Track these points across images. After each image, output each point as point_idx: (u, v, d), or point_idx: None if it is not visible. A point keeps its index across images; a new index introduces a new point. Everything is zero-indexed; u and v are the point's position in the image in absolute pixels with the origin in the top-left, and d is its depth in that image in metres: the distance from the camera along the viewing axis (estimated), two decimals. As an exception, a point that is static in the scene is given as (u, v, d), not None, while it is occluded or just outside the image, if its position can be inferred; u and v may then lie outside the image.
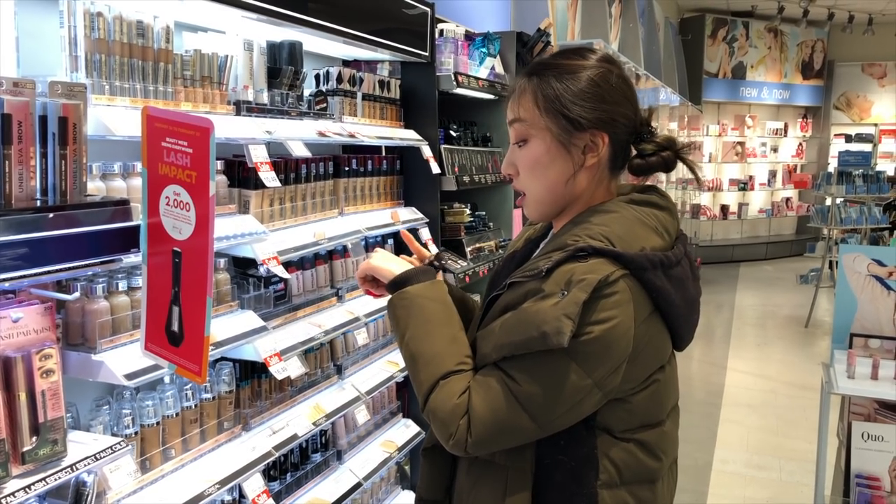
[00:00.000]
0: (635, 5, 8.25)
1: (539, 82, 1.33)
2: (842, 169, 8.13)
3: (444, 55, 3.25)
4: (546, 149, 1.33)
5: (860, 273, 3.40)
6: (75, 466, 1.44)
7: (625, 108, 1.33)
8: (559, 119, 1.31)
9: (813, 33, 13.37)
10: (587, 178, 1.35)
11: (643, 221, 1.31)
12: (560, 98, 1.30)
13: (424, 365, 1.30)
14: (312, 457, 2.55)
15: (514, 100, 1.37)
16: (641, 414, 1.30)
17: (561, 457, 1.28)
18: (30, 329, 1.42)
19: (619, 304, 1.20)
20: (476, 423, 1.23)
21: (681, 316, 1.31)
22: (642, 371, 1.27)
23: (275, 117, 2.25)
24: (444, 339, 1.32)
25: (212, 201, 1.37)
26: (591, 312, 1.18)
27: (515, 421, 1.22)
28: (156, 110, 1.44)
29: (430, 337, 1.32)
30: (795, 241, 12.98)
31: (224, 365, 2.11)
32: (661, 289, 1.24)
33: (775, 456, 4.64)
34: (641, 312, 1.23)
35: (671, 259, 1.28)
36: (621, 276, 1.21)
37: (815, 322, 8.04)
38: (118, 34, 1.75)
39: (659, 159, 1.35)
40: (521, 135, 1.36)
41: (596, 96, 1.30)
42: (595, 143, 1.32)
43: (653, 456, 1.31)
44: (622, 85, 1.34)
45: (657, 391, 1.31)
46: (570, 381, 1.19)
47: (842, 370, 3.13)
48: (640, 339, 1.23)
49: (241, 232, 2.04)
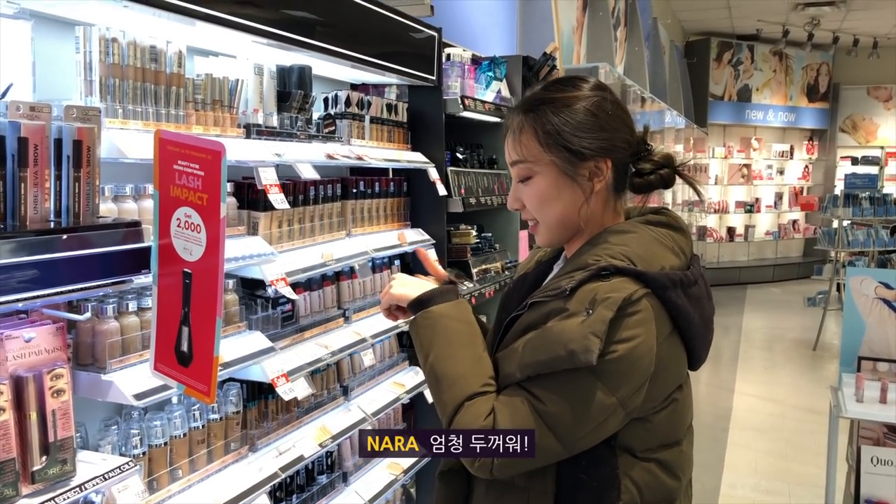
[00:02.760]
0: (641, 29, 8.32)
1: (536, 118, 1.34)
2: (848, 191, 8.13)
3: (451, 79, 3.28)
4: (552, 182, 1.35)
5: (868, 296, 3.39)
6: (84, 486, 1.45)
7: (623, 132, 1.36)
8: (562, 152, 1.32)
9: (818, 56, 13.43)
10: (597, 202, 1.37)
11: (660, 241, 1.33)
12: (560, 132, 1.32)
13: (449, 386, 1.29)
14: (318, 478, 2.55)
15: (514, 139, 1.37)
16: (661, 433, 1.31)
17: (582, 476, 1.28)
18: (41, 349, 1.44)
19: (643, 323, 1.21)
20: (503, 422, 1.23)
21: (699, 335, 1.33)
22: (663, 390, 1.28)
23: (284, 140, 2.28)
24: (468, 360, 1.31)
25: (222, 223, 1.39)
26: (616, 331, 1.19)
27: (541, 441, 1.21)
28: (168, 133, 1.47)
29: (454, 358, 1.31)
30: (802, 264, 12.94)
31: (231, 385, 2.12)
32: (681, 307, 1.26)
33: (784, 481, 4.60)
34: (662, 331, 1.25)
35: (689, 278, 1.30)
36: (644, 294, 1.22)
37: (823, 345, 8.00)
38: (132, 59, 1.78)
39: (657, 177, 1.38)
40: (525, 173, 1.37)
41: (595, 126, 1.32)
42: (599, 168, 1.34)
43: (672, 475, 1.32)
44: (617, 111, 1.36)
45: (675, 410, 1.32)
46: (595, 400, 1.20)
47: (850, 394, 3.11)
48: (662, 358, 1.24)
49: (249, 253, 2.06)
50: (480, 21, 4.88)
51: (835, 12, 10.62)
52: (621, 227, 1.35)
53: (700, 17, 11.85)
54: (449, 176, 3.25)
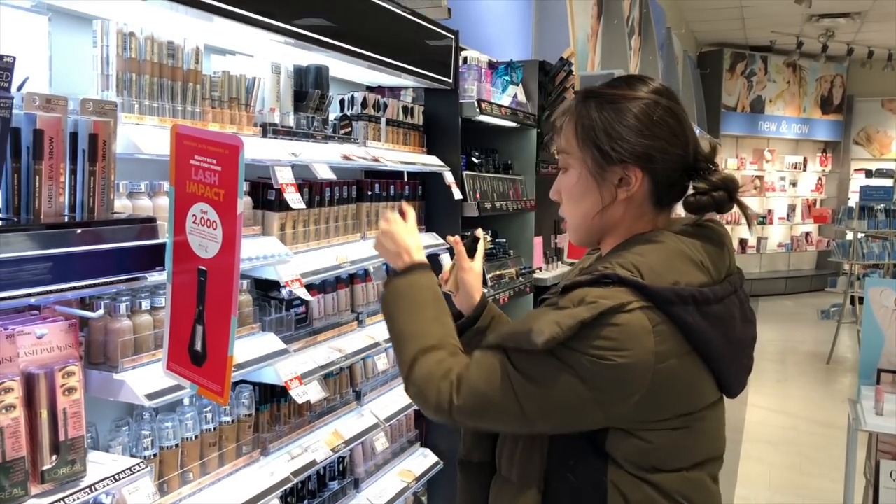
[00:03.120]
0: (655, 38, 8.29)
1: (581, 110, 1.31)
2: (863, 203, 8.05)
3: (468, 82, 3.26)
4: (579, 179, 1.32)
5: (887, 307, 3.34)
6: (94, 487, 1.42)
7: (667, 142, 1.27)
8: (593, 150, 1.29)
9: (832, 68, 13.36)
10: (621, 210, 1.31)
11: (687, 255, 1.25)
12: (595, 129, 1.28)
13: (410, 339, 1.35)
14: (330, 484, 2.52)
15: (561, 127, 1.36)
16: (660, 456, 1.23)
17: (569, 475, 1.26)
18: (53, 346, 1.41)
19: (629, 335, 1.15)
20: (465, 388, 1.24)
21: (721, 358, 1.24)
22: (664, 409, 1.21)
23: (300, 140, 2.25)
24: (427, 320, 1.37)
25: (239, 219, 1.37)
26: (594, 337, 1.15)
27: (504, 401, 1.22)
28: (185, 128, 1.44)
29: (416, 317, 1.38)
30: (815, 276, 12.84)
31: (244, 388, 2.08)
32: (691, 325, 1.19)
33: (799, 495, 4.53)
34: (671, 349, 1.18)
35: (707, 296, 1.21)
36: (640, 307, 1.16)
37: (837, 358, 7.91)
38: (149, 54, 1.76)
39: (709, 199, 1.29)
40: (562, 164, 1.36)
41: (632, 130, 1.26)
42: (628, 176, 1.27)
43: (672, 500, 1.24)
44: (667, 119, 1.28)
45: (686, 436, 1.24)
46: (564, 386, 1.18)
47: (869, 407, 3.06)
48: (664, 377, 1.17)
49: (264, 254, 2.03)
50: (496, 26, 4.86)
51: (849, 24, 10.56)
52: (649, 236, 1.29)
53: (713, 28, 11.81)
54: (464, 180, 3.22)
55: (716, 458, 1.32)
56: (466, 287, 1.61)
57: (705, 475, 1.29)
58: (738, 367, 1.30)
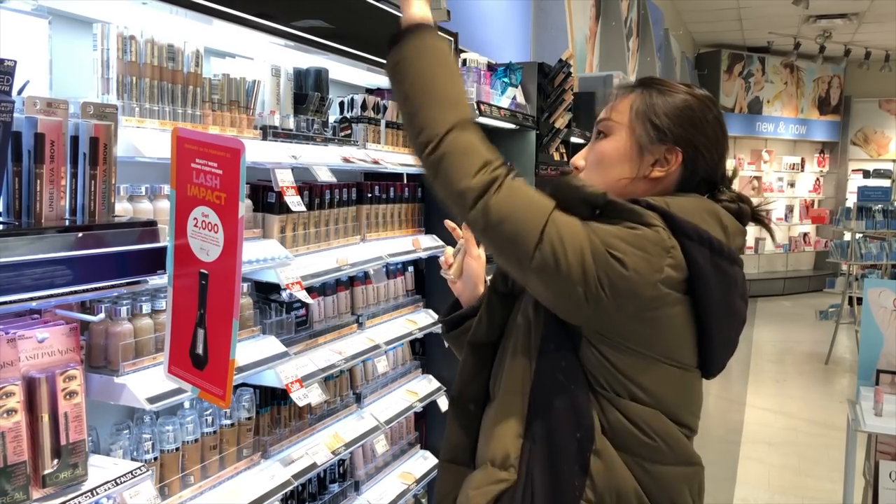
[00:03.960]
0: (653, 40, 8.30)
1: (642, 92, 1.37)
2: (861, 204, 8.06)
3: (467, 84, 3.26)
4: (620, 145, 1.35)
5: (886, 308, 3.34)
6: (96, 491, 1.42)
7: (710, 142, 1.35)
8: (646, 124, 1.33)
9: (829, 69, 13.38)
10: (644, 188, 1.34)
11: (717, 214, 1.30)
12: (654, 107, 1.34)
13: (451, 104, 1.24)
14: (330, 487, 2.51)
15: (612, 101, 1.39)
16: (622, 381, 1.24)
17: (560, 377, 1.27)
18: (54, 350, 1.41)
19: (644, 244, 1.19)
20: (507, 186, 1.21)
21: (716, 316, 1.27)
22: (640, 335, 1.23)
23: (300, 143, 2.25)
24: (460, 91, 1.28)
25: (240, 222, 1.37)
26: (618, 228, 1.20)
27: (540, 207, 1.21)
28: (186, 131, 1.44)
29: (453, 81, 1.27)
30: (813, 277, 12.85)
31: (244, 391, 2.08)
32: (700, 266, 1.22)
33: (798, 496, 4.53)
34: (676, 282, 1.21)
35: (722, 247, 1.25)
36: (663, 227, 1.21)
37: (836, 359, 7.92)
38: (149, 57, 1.76)
39: (736, 206, 1.36)
40: (604, 129, 1.38)
41: (687, 118, 1.33)
42: (668, 159, 1.33)
43: (643, 432, 1.25)
44: (716, 124, 1.36)
45: (647, 369, 1.25)
46: (583, 229, 1.20)
47: (868, 407, 3.06)
48: (657, 301, 1.20)
49: (264, 256, 2.03)
50: (495, 29, 4.87)
51: (847, 25, 10.58)
52: (684, 194, 1.33)
53: (711, 29, 11.83)
54: (463, 182, 3.22)
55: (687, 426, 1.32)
56: (472, 276, 1.62)
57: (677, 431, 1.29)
58: (725, 337, 1.32)
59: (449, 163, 1.22)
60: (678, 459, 1.29)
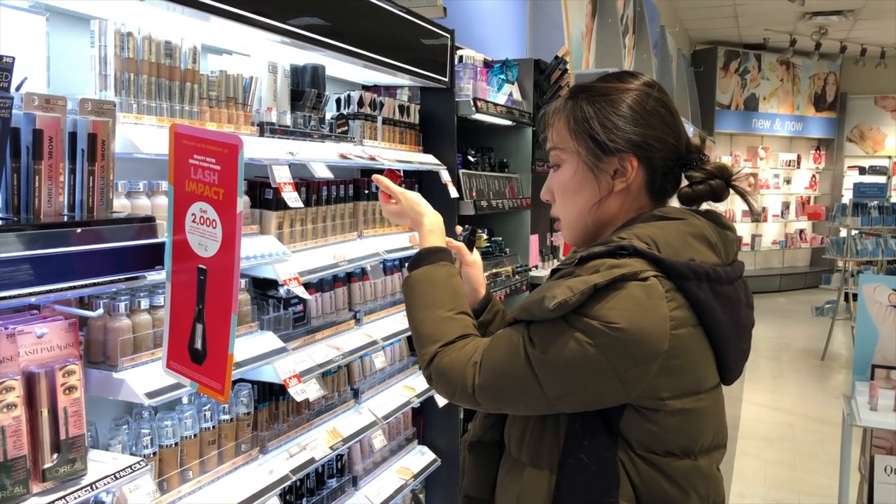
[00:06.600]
0: (649, 37, 8.30)
1: (572, 105, 1.32)
2: (857, 200, 8.09)
3: (464, 81, 3.27)
4: (574, 173, 1.32)
5: (881, 303, 3.35)
6: (95, 485, 1.42)
7: (661, 131, 1.30)
8: (588, 142, 1.29)
9: (825, 66, 13.41)
10: (618, 203, 1.32)
11: (703, 234, 1.27)
12: (589, 120, 1.29)
13: (429, 338, 1.38)
14: (328, 482, 2.52)
15: (550, 126, 1.36)
16: (668, 440, 1.23)
17: (583, 456, 1.24)
18: (54, 345, 1.41)
19: (644, 300, 1.15)
20: (486, 367, 1.26)
21: (728, 339, 1.26)
22: (675, 383, 1.20)
23: (297, 139, 2.26)
24: (444, 317, 1.39)
25: (239, 218, 1.37)
26: (607, 299, 1.16)
27: (524, 378, 1.22)
28: (184, 128, 1.45)
29: (434, 314, 1.40)
30: (809, 273, 12.89)
31: (242, 386, 2.09)
32: (703, 302, 1.20)
33: (793, 491, 4.56)
34: (685, 318, 1.19)
35: (720, 274, 1.23)
36: (654, 276, 1.17)
37: (832, 355, 7.95)
38: (147, 54, 1.77)
39: (707, 188, 1.32)
40: (556, 160, 1.36)
41: (627, 119, 1.28)
42: (624, 167, 1.29)
43: (678, 487, 1.24)
44: (659, 109, 1.31)
45: (691, 420, 1.24)
46: (581, 357, 1.16)
47: (864, 402, 3.08)
48: (680, 342, 1.17)
49: (262, 252, 2.03)
50: (491, 25, 4.87)
51: (842, 22, 10.60)
52: (666, 212, 1.29)
53: (707, 26, 11.84)
54: (460, 178, 3.23)
55: (720, 447, 1.33)
56: (471, 281, 1.62)
57: (713, 463, 1.30)
58: (738, 351, 1.31)
59: (443, 373, 1.35)
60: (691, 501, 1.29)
